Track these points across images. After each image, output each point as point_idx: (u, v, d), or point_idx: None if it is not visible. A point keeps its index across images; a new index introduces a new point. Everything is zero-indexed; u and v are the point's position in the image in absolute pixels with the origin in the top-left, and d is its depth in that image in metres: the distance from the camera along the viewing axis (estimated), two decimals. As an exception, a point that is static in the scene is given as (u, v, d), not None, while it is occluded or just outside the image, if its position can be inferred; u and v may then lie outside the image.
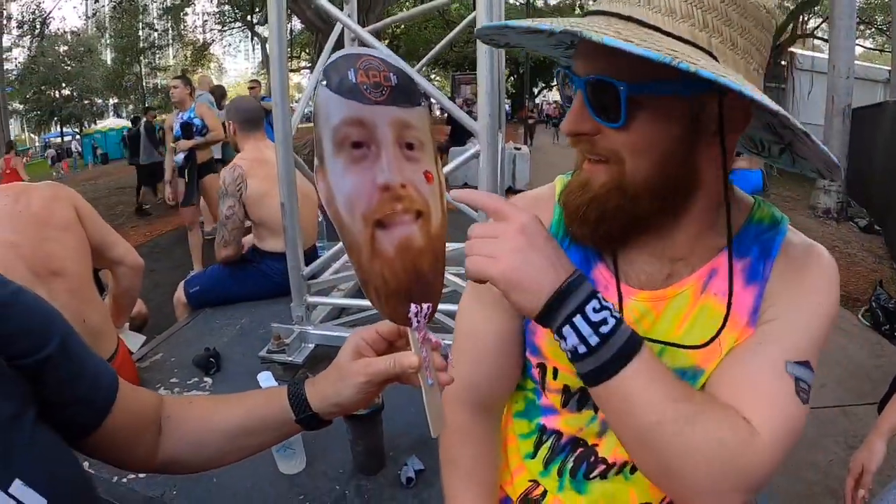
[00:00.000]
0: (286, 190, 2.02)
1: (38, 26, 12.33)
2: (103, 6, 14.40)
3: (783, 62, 13.41)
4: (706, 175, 0.69)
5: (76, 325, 1.52)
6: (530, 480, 0.91)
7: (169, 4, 14.82)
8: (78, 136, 22.73)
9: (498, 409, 0.93)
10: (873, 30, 16.28)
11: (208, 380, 2.04)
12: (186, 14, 18.15)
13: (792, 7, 14.58)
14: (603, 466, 0.84)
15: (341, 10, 2.18)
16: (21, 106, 21.58)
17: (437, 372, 0.66)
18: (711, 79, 0.53)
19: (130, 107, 26.31)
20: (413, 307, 0.64)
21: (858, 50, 18.02)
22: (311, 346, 2.12)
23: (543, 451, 0.88)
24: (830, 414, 3.09)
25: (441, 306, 1.34)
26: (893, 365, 3.63)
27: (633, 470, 0.83)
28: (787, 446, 0.67)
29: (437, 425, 0.65)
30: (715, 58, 0.62)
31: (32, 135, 28.22)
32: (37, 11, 12.26)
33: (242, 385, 1.76)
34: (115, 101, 27.39)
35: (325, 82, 0.63)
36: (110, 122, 20.42)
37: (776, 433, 0.66)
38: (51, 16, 12.48)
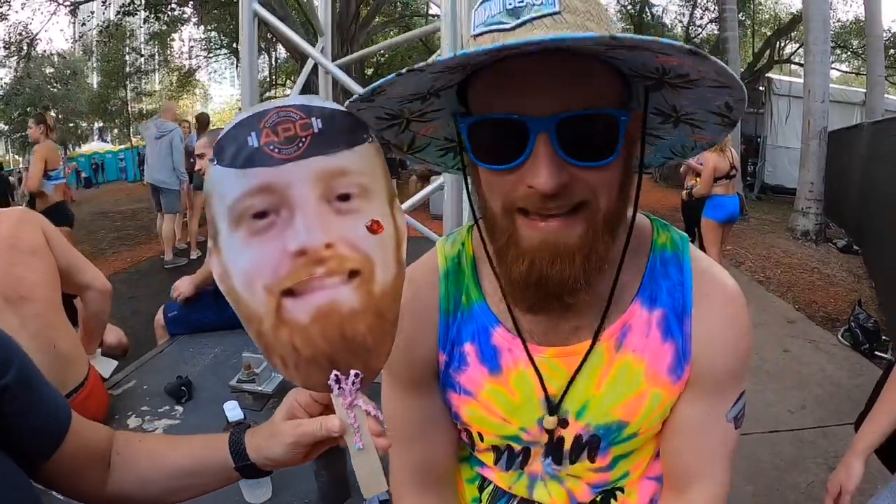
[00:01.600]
0: None
1: (24, 47, 12.34)
2: (90, 30, 14.45)
3: (761, 87, 13.70)
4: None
5: (46, 350, 1.55)
6: None
7: (156, 30, 14.91)
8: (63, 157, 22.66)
9: (449, 480, 0.91)
10: (849, 53, 16.71)
11: (179, 408, 2.00)
12: (173, 40, 18.28)
13: (769, 33, 14.99)
14: None
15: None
16: (6, 127, 21.51)
17: (375, 437, 0.62)
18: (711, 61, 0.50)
19: (115, 131, 26.36)
20: (333, 374, 0.60)
21: (835, 74, 18.49)
22: (281, 376, 2.07)
23: (486, 496, 0.90)
24: (811, 435, 3.09)
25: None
26: (873, 384, 3.65)
27: None
28: (731, 470, 0.80)
29: (371, 488, 0.62)
30: None
31: (17, 156, 28.06)
32: (24, 32, 12.27)
33: (212, 413, 1.73)
34: (101, 124, 27.42)
35: (215, 160, 0.57)
36: (95, 146, 20.37)
37: (725, 473, 0.79)
38: (37, 38, 12.49)
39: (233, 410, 1.41)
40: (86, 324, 2.07)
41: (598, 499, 0.84)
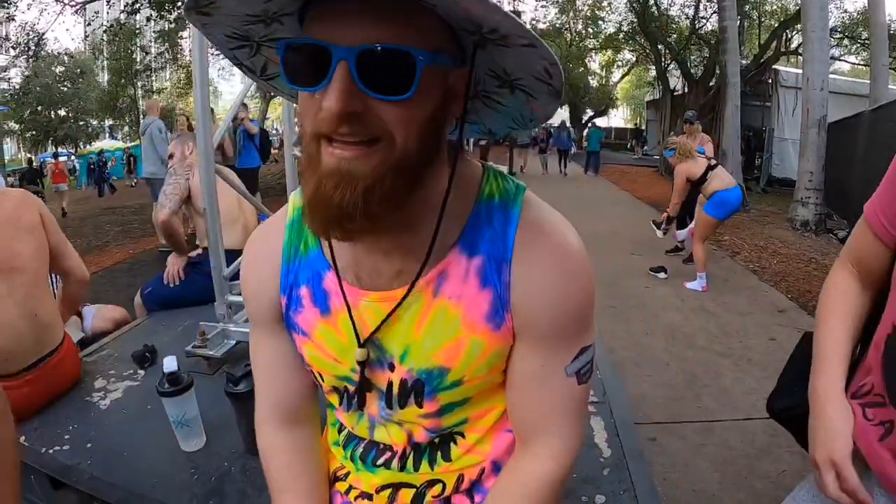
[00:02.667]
0: (207, 197, 2.12)
1: (31, 47, 12.55)
2: (96, 29, 14.62)
3: (768, 79, 13.58)
4: (444, 148, 0.70)
5: (28, 317, 1.77)
6: (341, 462, 0.96)
7: (163, 28, 15.04)
8: (73, 157, 23.00)
9: (305, 417, 0.94)
10: (858, 45, 16.41)
11: (141, 372, 2.09)
12: (182, 38, 18.39)
13: (775, 25, 14.81)
14: (388, 454, 0.89)
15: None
16: (17, 126, 21.82)
17: None
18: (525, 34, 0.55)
19: (125, 128, 26.67)
20: None
21: (845, 66, 18.19)
22: (233, 342, 2.19)
23: (342, 439, 0.95)
24: (784, 418, 3.07)
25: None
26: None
27: (417, 464, 0.88)
28: (583, 422, 0.85)
29: None
30: None
31: (28, 154, 28.57)
32: (31, 32, 12.48)
33: (167, 375, 1.82)
34: (111, 122, 27.75)
35: None
36: (105, 144, 20.60)
37: (570, 428, 0.82)
38: (44, 37, 12.71)
39: (169, 363, 1.47)
40: (63, 303, 2.25)
41: (435, 440, 0.86)
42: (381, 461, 0.89)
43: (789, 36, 14.70)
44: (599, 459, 1.55)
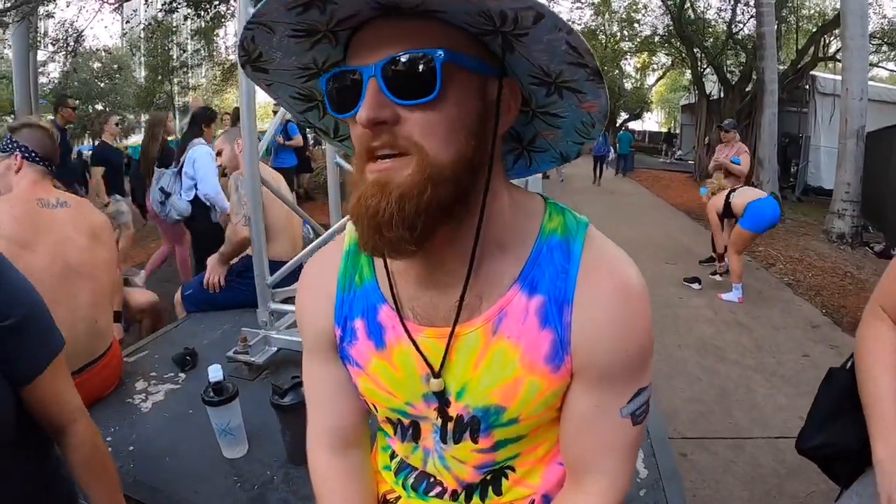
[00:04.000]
0: (252, 207, 2.18)
1: (70, 43, 12.85)
2: (135, 27, 14.90)
3: (805, 86, 13.26)
4: (495, 176, 0.69)
5: (89, 322, 1.94)
6: (392, 486, 0.97)
7: (199, 26, 15.26)
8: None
9: (356, 442, 0.95)
10: (900, 51, 15.90)
11: (182, 375, 2.14)
12: (217, 35, 18.65)
13: (813, 30, 14.43)
14: (439, 488, 0.89)
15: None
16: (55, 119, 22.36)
17: None
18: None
19: (161, 124, 27.16)
20: None
21: (884, 73, 17.64)
22: (274, 349, 2.22)
23: (394, 465, 0.96)
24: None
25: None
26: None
27: (469, 499, 0.88)
28: (634, 462, 0.82)
29: None
30: None
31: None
32: (70, 30, 12.77)
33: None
34: (147, 117, 28.14)
35: None
36: (140, 139, 20.96)
37: (621, 468, 0.80)
38: (83, 34, 12.99)
39: (214, 372, 1.51)
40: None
41: (487, 478, 0.86)
42: (433, 493, 0.90)
43: (827, 41, 14.31)
44: (637, 480, 1.55)
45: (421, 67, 0.60)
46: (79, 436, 1.10)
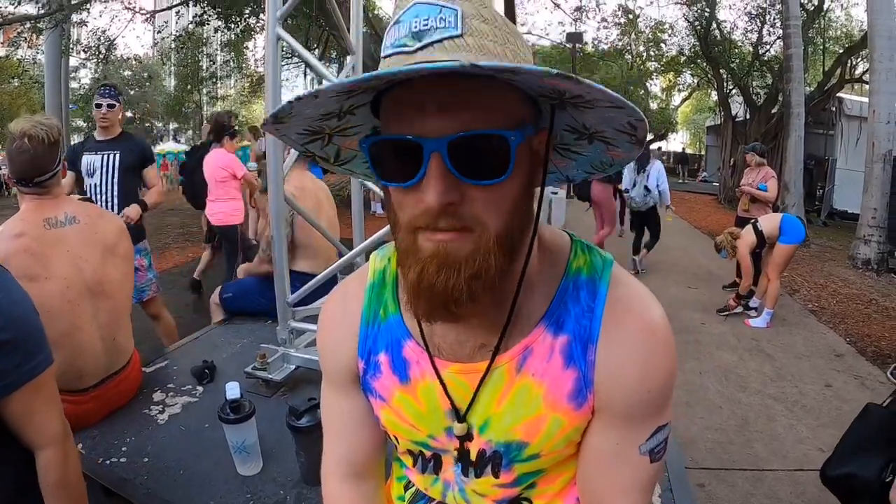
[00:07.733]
0: (275, 223, 2.20)
1: (102, 51, 13.22)
2: (166, 38, 15.28)
3: (832, 108, 13.10)
4: (533, 218, 0.68)
5: (107, 339, 1.93)
6: None
7: (229, 38, 15.57)
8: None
9: (371, 473, 0.96)
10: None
11: (200, 388, 2.16)
12: (247, 47, 19.00)
13: (840, 51, 14.27)
14: None
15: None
16: (84, 124, 22.75)
17: None
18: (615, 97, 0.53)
19: (189, 132, 27.66)
20: None
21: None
22: (292, 367, 2.23)
23: (408, 496, 0.95)
24: (840, 473, 2.95)
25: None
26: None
27: None
28: (650, 499, 0.80)
29: None
30: None
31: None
32: (102, 38, 13.14)
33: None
34: (175, 126, 28.81)
35: None
36: (169, 146, 21.39)
37: None
38: (115, 43, 13.36)
39: (232, 390, 1.52)
40: None
41: None
42: None
43: (854, 62, 14.12)
44: (652, 515, 1.52)
45: (492, 149, 0.57)
46: (48, 461, 1.11)
